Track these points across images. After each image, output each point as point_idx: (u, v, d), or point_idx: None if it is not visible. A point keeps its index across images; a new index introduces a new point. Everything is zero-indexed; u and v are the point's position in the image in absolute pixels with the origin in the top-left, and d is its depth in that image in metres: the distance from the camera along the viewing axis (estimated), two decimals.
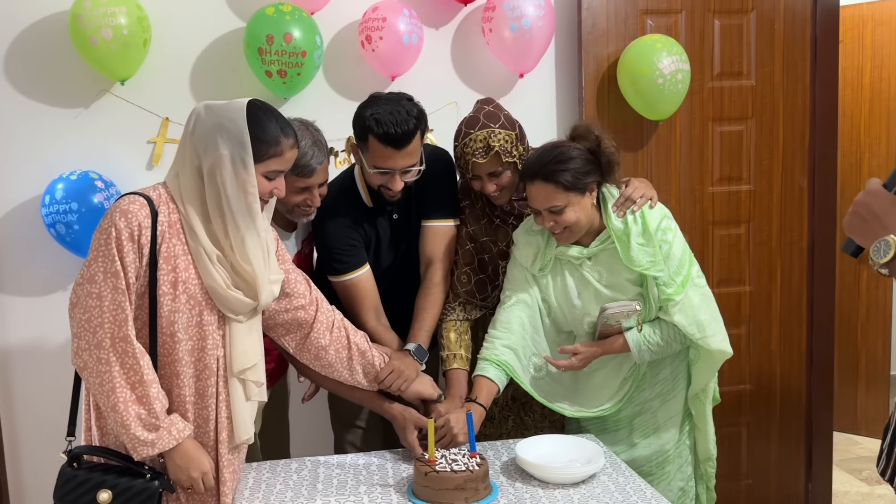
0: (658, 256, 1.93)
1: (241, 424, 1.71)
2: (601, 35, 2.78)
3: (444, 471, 1.71)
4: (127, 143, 2.63)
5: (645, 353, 1.99)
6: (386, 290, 2.16)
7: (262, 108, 1.66)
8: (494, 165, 2.03)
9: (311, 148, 1.94)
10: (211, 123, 1.61)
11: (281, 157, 1.65)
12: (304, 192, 1.98)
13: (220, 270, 1.63)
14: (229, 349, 1.68)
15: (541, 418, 2.29)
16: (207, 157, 1.60)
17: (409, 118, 1.91)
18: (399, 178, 1.97)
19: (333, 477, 1.87)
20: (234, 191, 1.60)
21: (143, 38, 2.48)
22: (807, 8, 2.90)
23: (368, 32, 2.56)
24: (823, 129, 2.93)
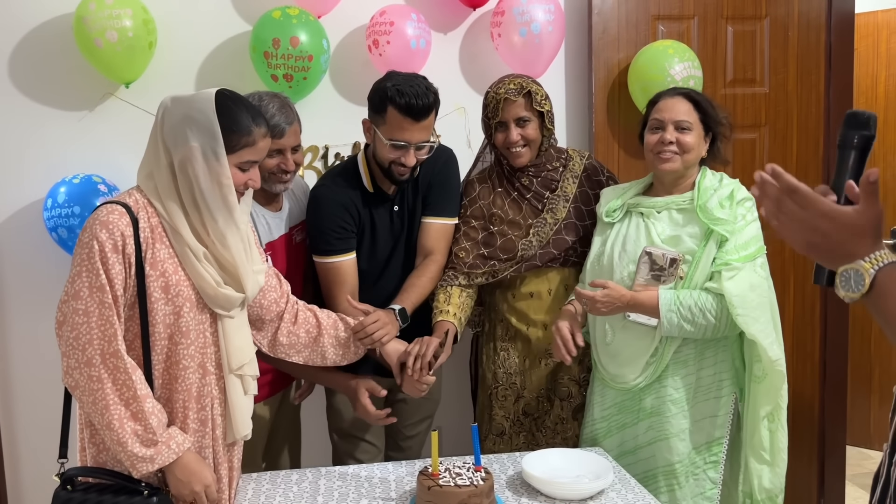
0: (732, 222, 1.96)
1: (240, 420, 1.69)
2: (612, 41, 2.74)
3: (448, 485, 1.66)
4: (131, 147, 2.59)
5: (673, 316, 1.91)
6: (379, 279, 2.15)
7: (232, 97, 1.61)
8: (525, 109, 2.11)
9: (279, 111, 1.98)
10: (180, 116, 1.56)
11: (254, 147, 1.60)
12: (276, 156, 2.00)
13: (208, 269, 1.60)
14: (224, 346, 1.65)
15: (552, 434, 2.25)
16: (178, 151, 1.55)
17: (427, 92, 1.96)
18: (413, 153, 1.98)
19: (334, 489, 1.83)
20: (207, 184, 1.55)
21: (149, 41, 2.46)
22: (821, 15, 2.86)
23: (376, 37, 2.53)
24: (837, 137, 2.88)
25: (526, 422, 2.26)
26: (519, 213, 2.20)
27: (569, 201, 2.21)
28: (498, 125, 2.15)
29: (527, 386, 2.24)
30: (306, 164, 2.71)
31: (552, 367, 2.23)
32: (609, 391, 2.10)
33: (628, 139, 2.79)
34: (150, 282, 1.56)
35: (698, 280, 1.95)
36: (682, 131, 2.00)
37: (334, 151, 2.71)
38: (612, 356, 2.06)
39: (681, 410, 2.00)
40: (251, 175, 1.63)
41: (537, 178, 2.21)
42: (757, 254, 1.97)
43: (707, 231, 1.96)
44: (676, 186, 2.05)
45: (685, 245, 1.98)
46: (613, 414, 2.10)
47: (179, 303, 1.58)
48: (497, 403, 2.26)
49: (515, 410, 2.25)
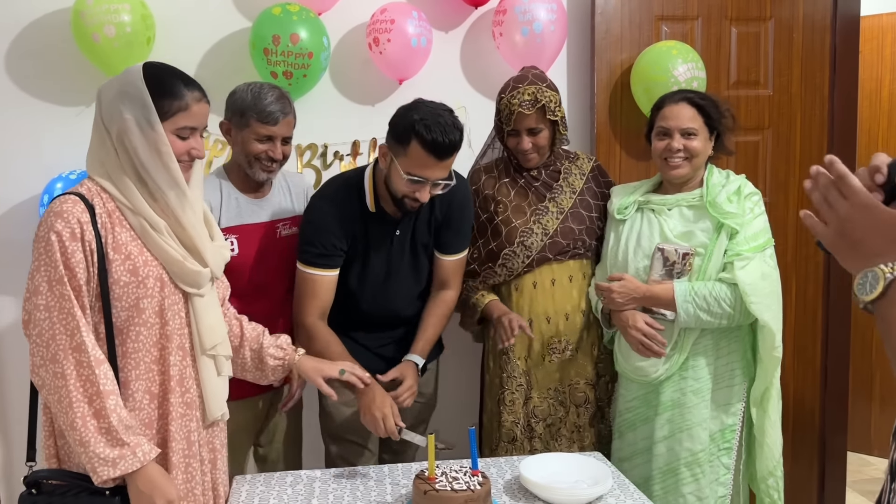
0: (741, 216, 2.03)
1: (214, 401, 1.66)
2: (615, 41, 2.72)
3: (445, 490, 1.64)
4: None
5: (689, 307, 1.99)
6: (371, 301, 2.12)
7: (161, 66, 1.59)
8: (538, 121, 2.14)
9: (276, 100, 2.04)
10: (112, 95, 1.54)
11: (188, 112, 1.56)
12: (266, 142, 2.03)
13: (171, 243, 1.56)
14: (196, 327, 1.62)
15: (569, 443, 2.25)
16: (114, 127, 1.53)
17: (454, 129, 1.87)
18: (429, 189, 1.92)
19: (329, 492, 1.80)
20: (146, 153, 1.52)
21: (147, 37, 2.43)
22: (826, 17, 2.83)
23: (376, 34, 2.51)
24: (842, 141, 2.86)
25: (538, 428, 2.24)
26: (525, 199, 2.24)
27: (575, 193, 2.25)
28: (510, 132, 2.19)
29: (533, 386, 2.23)
30: (305, 163, 2.69)
31: (557, 364, 2.23)
32: (632, 385, 2.16)
33: (630, 140, 2.76)
34: (115, 266, 1.52)
35: (711, 272, 2.03)
36: (688, 137, 2.07)
37: (333, 150, 2.69)
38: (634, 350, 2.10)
39: (702, 400, 2.07)
40: (193, 143, 1.58)
41: (545, 170, 2.26)
42: (766, 245, 2.06)
43: (718, 225, 2.04)
44: (685, 185, 2.13)
45: (697, 239, 2.06)
46: (636, 406, 2.16)
47: (151, 284, 1.54)
48: (505, 409, 2.24)
49: (525, 414, 2.24)
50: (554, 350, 2.22)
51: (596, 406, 2.28)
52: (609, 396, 2.29)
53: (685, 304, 2.00)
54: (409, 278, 2.14)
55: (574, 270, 2.24)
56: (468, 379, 2.56)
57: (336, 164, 2.69)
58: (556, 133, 2.20)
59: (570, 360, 2.23)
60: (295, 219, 2.19)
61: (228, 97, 2.10)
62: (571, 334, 2.23)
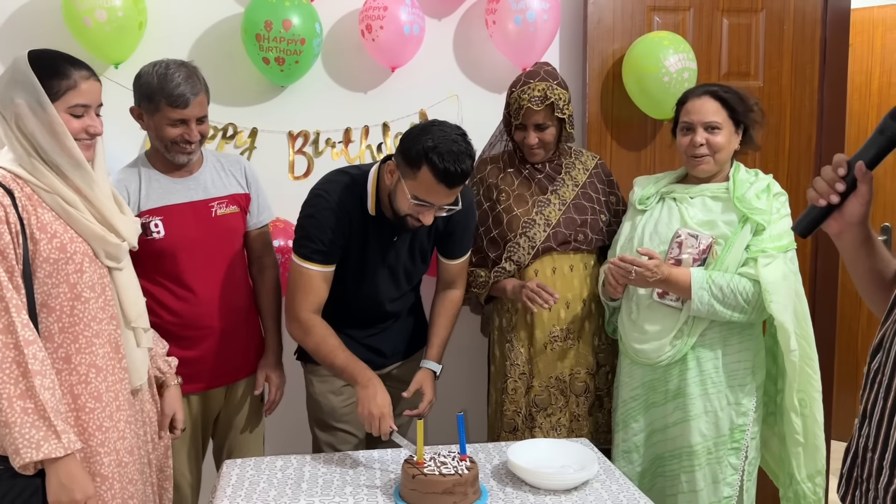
0: (769, 213, 2.03)
1: (135, 371, 1.73)
2: (607, 31, 2.72)
3: (433, 474, 1.66)
4: (119, 128, 2.55)
5: (704, 294, 1.98)
6: (362, 300, 2.11)
7: (46, 51, 1.63)
8: (546, 118, 2.18)
9: (184, 80, 1.96)
10: (3, 84, 1.59)
11: (77, 90, 1.59)
12: (180, 126, 1.99)
13: (90, 217, 1.61)
14: (118, 300, 1.69)
15: (568, 433, 2.29)
16: (9, 115, 1.57)
17: (467, 157, 1.82)
18: (434, 213, 1.90)
19: (319, 476, 1.82)
20: (43, 136, 1.56)
21: (139, 21, 2.42)
22: (817, 9, 2.84)
23: (369, 21, 2.50)
24: (831, 133, 2.88)
25: (539, 417, 2.27)
26: (527, 189, 2.27)
27: (578, 186, 2.29)
28: (518, 126, 2.22)
29: (535, 374, 2.26)
30: (297, 150, 2.69)
31: (558, 353, 2.25)
32: (637, 370, 2.15)
33: (621, 130, 2.77)
34: (43, 245, 1.54)
35: (730, 264, 2.02)
36: (711, 132, 2.06)
37: (325, 137, 2.69)
38: (639, 332, 2.11)
39: (703, 393, 2.07)
40: (88, 121, 1.62)
41: (549, 164, 2.29)
42: (789, 246, 2.05)
43: (742, 218, 2.03)
44: (711, 178, 2.13)
45: (719, 230, 2.05)
46: (641, 393, 2.16)
47: (79, 259, 1.59)
48: (507, 398, 2.27)
49: (527, 403, 2.27)
50: (556, 338, 2.24)
51: (595, 395, 2.31)
52: (608, 387, 2.31)
53: (700, 290, 1.97)
54: (402, 280, 2.13)
55: (575, 261, 2.26)
56: (472, 372, 2.58)
57: (328, 152, 2.69)
58: (563, 130, 2.23)
59: (571, 349, 2.26)
60: (233, 197, 2.14)
61: (135, 80, 2.02)
62: (572, 322, 2.25)
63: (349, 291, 2.08)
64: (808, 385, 2.07)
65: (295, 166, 2.69)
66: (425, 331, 2.23)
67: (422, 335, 2.23)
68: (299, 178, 2.68)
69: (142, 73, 2.01)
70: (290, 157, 2.68)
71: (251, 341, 2.22)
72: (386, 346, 2.19)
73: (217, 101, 2.37)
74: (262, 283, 2.24)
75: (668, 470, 2.14)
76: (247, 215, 2.19)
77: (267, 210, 2.25)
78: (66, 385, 1.59)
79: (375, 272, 2.07)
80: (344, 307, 2.10)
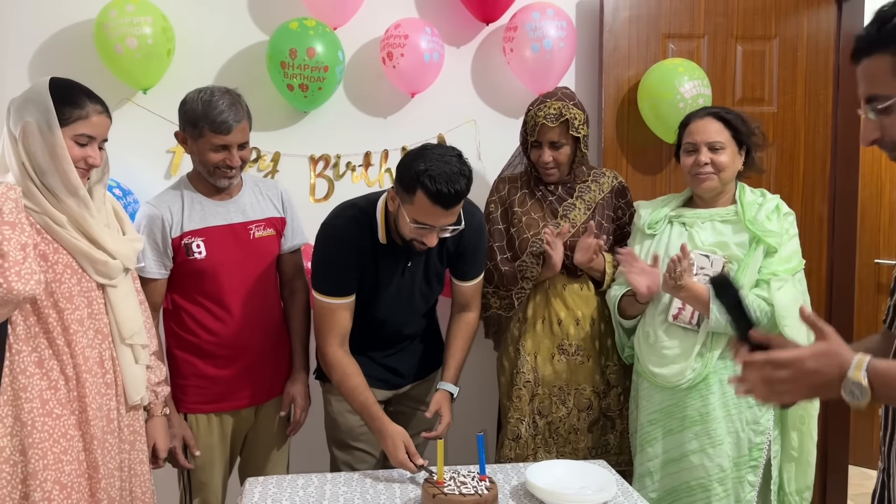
0: (780, 234, 2.06)
1: (132, 386, 1.79)
2: (622, 58, 2.78)
3: (453, 493, 1.68)
4: (146, 152, 2.65)
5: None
6: (378, 326, 2.15)
7: (66, 80, 1.71)
8: (560, 136, 2.23)
9: (228, 108, 2.01)
10: (18, 105, 1.66)
11: (87, 121, 1.67)
12: (222, 151, 2.04)
13: (75, 234, 1.67)
14: (113, 317, 1.74)
15: (564, 443, 2.32)
16: (17, 132, 1.64)
17: (460, 177, 1.84)
18: (436, 234, 1.92)
19: (340, 495, 1.85)
20: (43, 156, 1.63)
21: (168, 49, 2.50)
22: (830, 37, 2.88)
23: (390, 49, 2.57)
24: (845, 158, 2.91)
25: (541, 424, 2.31)
26: (539, 212, 2.31)
27: (589, 210, 2.31)
28: (534, 143, 2.26)
29: (539, 382, 2.30)
30: (318, 173, 2.75)
31: (565, 365, 2.30)
32: (656, 395, 2.16)
33: (637, 155, 2.81)
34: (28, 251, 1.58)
35: (745, 285, 2.04)
36: (715, 151, 2.10)
37: (346, 161, 2.75)
38: (658, 356, 2.13)
39: (726, 415, 2.08)
40: (90, 151, 1.68)
41: (562, 187, 2.33)
42: (798, 268, 2.09)
43: (754, 238, 2.06)
44: (717, 201, 2.16)
45: (731, 251, 2.08)
46: (659, 418, 2.16)
47: (60, 269, 1.65)
48: (512, 406, 2.31)
49: (531, 410, 2.30)
50: (564, 351, 2.29)
51: (601, 414, 2.33)
52: (620, 408, 2.33)
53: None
54: (418, 303, 2.17)
55: (586, 281, 2.32)
56: (491, 392, 2.61)
57: (348, 175, 2.75)
58: (578, 151, 2.27)
59: (579, 365, 2.29)
60: (270, 220, 2.19)
61: (180, 106, 2.08)
62: (583, 340, 2.29)
63: (367, 316, 2.11)
64: (810, 404, 2.11)
65: (316, 189, 2.75)
66: (441, 351, 2.25)
67: (438, 355, 2.26)
68: (320, 201, 2.74)
69: (187, 99, 2.06)
70: (311, 180, 2.74)
71: (281, 362, 2.26)
72: (403, 366, 2.22)
73: None
74: (293, 305, 2.29)
75: (697, 499, 2.11)
76: (281, 238, 2.24)
77: (301, 234, 2.31)
78: (36, 390, 1.63)
79: (391, 297, 2.11)
80: (363, 330, 2.13)
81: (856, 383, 1.09)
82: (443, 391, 2.13)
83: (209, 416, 2.15)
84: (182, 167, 2.64)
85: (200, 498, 2.17)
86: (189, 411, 2.13)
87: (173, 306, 2.13)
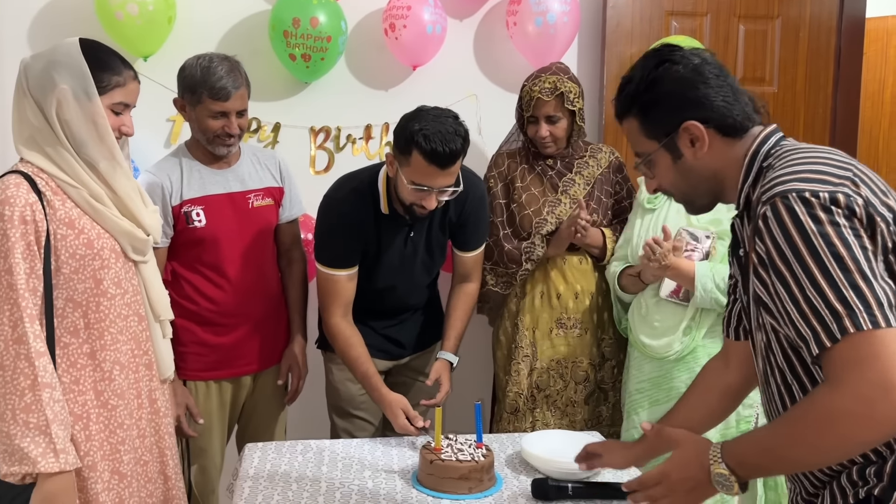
0: None
1: (163, 362, 1.74)
2: (625, 34, 2.77)
3: (450, 460, 1.71)
4: (146, 120, 2.61)
5: (708, 282, 2.04)
6: (380, 297, 2.17)
7: (96, 43, 1.59)
8: (556, 109, 2.24)
9: (227, 74, 2.00)
10: (43, 65, 1.52)
11: (125, 88, 1.56)
12: (220, 118, 2.03)
13: (117, 213, 1.58)
14: (146, 295, 1.68)
15: (561, 415, 2.36)
16: (47, 99, 1.50)
17: (456, 137, 1.84)
18: (435, 196, 1.91)
19: (338, 460, 1.87)
20: (80, 125, 1.51)
21: (168, 16, 2.49)
22: (833, 18, 2.89)
23: (392, 20, 2.56)
24: (843, 139, 2.92)
25: (539, 397, 2.35)
26: (539, 187, 2.33)
27: (588, 185, 2.33)
28: (530, 118, 2.27)
29: (538, 357, 2.33)
30: (318, 145, 2.74)
31: (563, 339, 2.33)
32: (646, 365, 2.21)
33: None
34: (70, 241, 1.52)
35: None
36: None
37: (346, 133, 2.75)
38: (649, 328, 2.17)
39: None
40: (124, 120, 1.59)
41: (561, 161, 2.34)
42: None
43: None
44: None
45: (724, 227, 2.09)
46: (647, 388, 2.21)
47: (106, 255, 1.57)
48: (510, 380, 2.34)
49: (529, 384, 2.34)
50: (562, 325, 2.32)
51: (596, 386, 2.37)
52: (614, 381, 2.37)
53: (703, 278, 2.04)
54: (420, 274, 2.18)
55: (583, 254, 2.35)
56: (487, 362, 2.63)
57: (349, 147, 2.75)
58: (574, 125, 2.28)
59: (577, 339, 2.33)
60: (268, 190, 2.20)
61: (179, 73, 2.06)
62: (581, 314, 2.32)
63: (369, 287, 2.13)
64: None
65: (316, 161, 2.75)
66: (441, 323, 2.27)
67: (438, 327, 2.28)
68: (320, 173, 2.74)
69: (186, 65, 2.05)
70: (311, 151, 2.74)
71: (279, 331, 2.28)
72: (404, 337, 2.24)
73: None
74: (290, 275, 2.30)
75: None
76: (279, 208, 2.25)
77: (298, 204, 2.31)
78: (89, 381, 1.57)
79: (394, 268, 2.12)
80: (365, 300, 2.15)
81: (720, 476, 1.11)
82: (442, 360, 2.15)
83: (208, 383, 2.18)
84: (182, 135, 2.63)
85: (199, 464, 2.20)
86: (188, 378, 2.15)
87: (172, 274, 2.14)
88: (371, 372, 2.06)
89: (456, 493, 1.68)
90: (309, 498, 1.68)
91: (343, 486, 1.74)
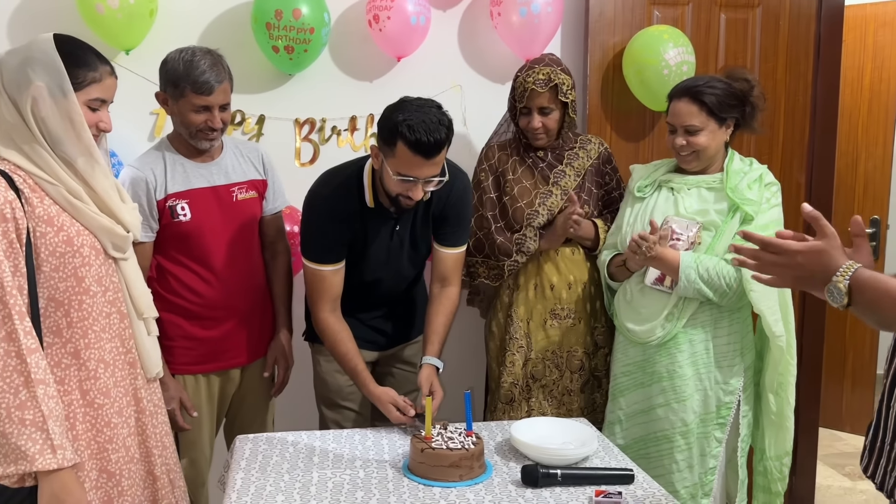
0: (759, 203, 2.10)
1: (149, 360, 1.71)
2: (608, 24, 2.79)
3: (440, 448, 1.73)
4: (129, 114, 2.61)
5: (691, 272, 2.06)
6: (367, 293, 2.17)
7: (71, 38, 1.58)
8: (549, 101, 2.25)
9: (210, 68, 1.99)
10: (18, 62, 1.50)
11: (101, 84, 1.56)
12: (203, 112, 2.02)
13: (95, 209, 1.57)
14: (128, 292, 1.66)
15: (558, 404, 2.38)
16: (23, 96, 1.49)
17: (440, 126, 1.84)
18: (421, 187, 1.91)
19: (330, 451, 1.89)
20: (56, 122, 1.50)
21: (150, 9, 2.47)
22: (812, 6, 2.91)
23: (376, 11, 2.55)
24: (823, 126, 2.96)
25: (534, 387, 2.36)
26: (531, 178, 2.34)
27: (579, 176, 2.35)
28: (523, 109, 2.27)
29: (533, 347, 2.35)
30: (303, 137, 2.74)
31: (557, 330, 2.35)
32: (630, 349, 2.24)
33: (621, 121, 2.84)
34: (50, 238, 1.50)
35: (720, 250, 2.10)
36: (691, 134, 2.11)
37: (331, 125, 2.74)
38: (634, 314, 2.20)
39: (695, 373, 2.16)
40: (102, 116, 1.58)
41: (552, 153, 2.35)
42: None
43: (733, 206, 2.11)
44: (705, 169, 2.19)
45: (710, 218, 2.13)
46: (632, 371, 2.24)
47: (86, 252, 1.55)
48: (506, 371, 2.35)
49: (524, 375, 2.35)
50: (556, 315, 2.34)
51: (590, 374, 2.39)
52: (607, 368, 2.40)
53: (688, 269, 2.05)
54: (406, 267, 2.19)
55: (575, 245, 2.36)
56: (477, 352, 2.65)
57: (334, 139, 2.75)
58: (566, 116, 2.29)
59: (571, 328, 2.35)
60: (252, 182, 2.20)
61: (161, 66, 2.05)
62: (574, 303, 2.34)
63: (356, 279, 2.14)
64: (787, 370, 2.18)
65: (301, 153, 2.74)
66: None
67: (424, 318, 2.28)
68: (305, 165, 2.74)
69: (168, 59, 2.04)
70: (296, 144, 2.73)
71: (266, 323, 2.29)
72: (390, 328, 2.25)
73: None
74: (275, 267, 2.30)
75: (657, 451, 2.22)
76: (263, 201, 2.25)
77: (282, 196, 2.31)
78: (74, 381, 1.55)
79: (381, 261, 2.13)
80: (352, 292, 2.15)
81: (837, 287, 1.17)
82: (429, 366, 2.10)
83: (196, 376, 2.18)
84: (166, 129, 2.61)
85: (189, 457, 2.20)
86: (177, 372, 2.15)
87: (158, 269, 2.14)
88: (360, 368, 2.07)
89: (447, 480, 1.70)
90: (301, 488, 1.69)
91: (335, 476, 1.75)
